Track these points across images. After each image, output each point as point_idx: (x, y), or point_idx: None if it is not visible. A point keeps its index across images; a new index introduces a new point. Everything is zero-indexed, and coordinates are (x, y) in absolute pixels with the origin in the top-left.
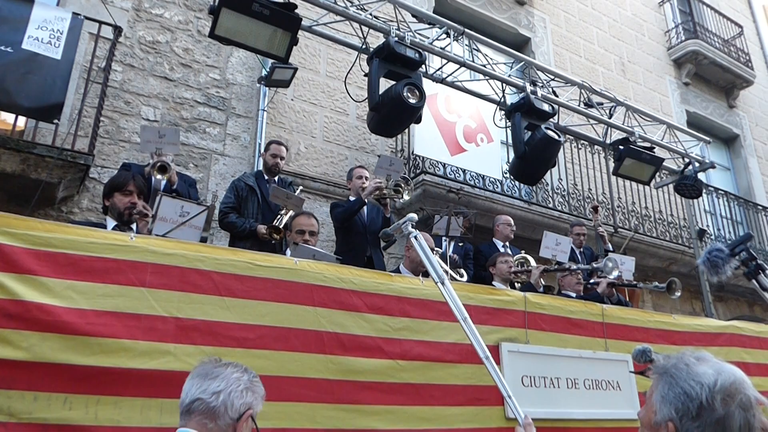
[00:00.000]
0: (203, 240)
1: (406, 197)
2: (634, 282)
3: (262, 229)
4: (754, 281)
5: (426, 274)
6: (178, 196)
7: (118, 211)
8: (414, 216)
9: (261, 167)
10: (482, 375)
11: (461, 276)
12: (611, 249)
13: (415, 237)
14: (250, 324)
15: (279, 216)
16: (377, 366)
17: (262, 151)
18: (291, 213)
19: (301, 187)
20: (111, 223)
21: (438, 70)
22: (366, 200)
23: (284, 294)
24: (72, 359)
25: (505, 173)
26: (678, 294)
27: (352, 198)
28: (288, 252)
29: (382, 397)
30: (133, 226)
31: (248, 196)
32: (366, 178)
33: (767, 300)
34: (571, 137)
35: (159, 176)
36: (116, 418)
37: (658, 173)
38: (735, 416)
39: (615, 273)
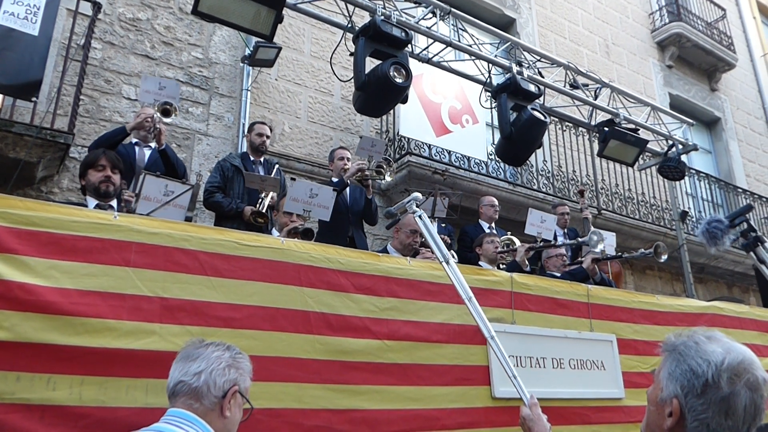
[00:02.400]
0: (188, 219)
1: (388, 178)
2: (620, 253)
3: (248, 211)
4: (751, 253)
5: (414, 255)
6: (162, 176)
7: (94, 186)
8: (418, 195)
9: (245, 148)
10: (469, 355)
11: (452, 257)
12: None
13: (420, 216)
14: (236, 304)
15: (260, 199)
16: (364, 346)
17: (246, 132)
18: (271, 194)
19: (277, 166)
20: (92, 202)
21: (424, 50)
22: (348, 182)
23: (271, 274)
24: (55, 339)
25: (491, 155)
26: (665, 257)
27: (334, 179)
28: (274, 232)
29: (370, 377)
30: (113, 203)
31: (234, 176)
32: (348, 159)
33: (764, 272)
34: (556, 119)
35: (164, 119)
36: (101, 398)
37: (641, 155)
38: (741, 395)
39: (600, 246)
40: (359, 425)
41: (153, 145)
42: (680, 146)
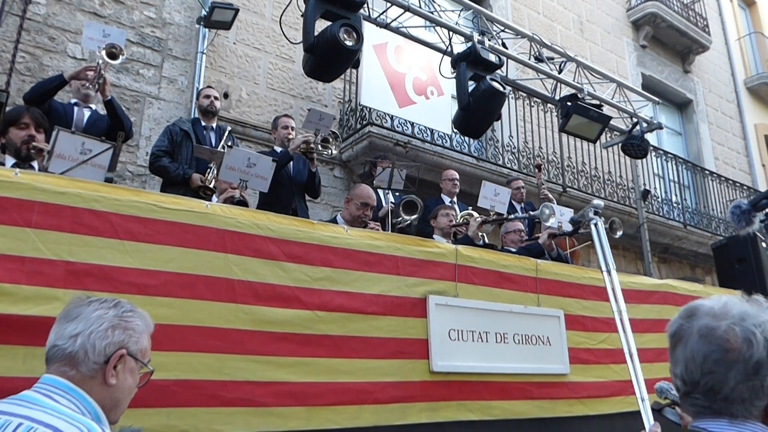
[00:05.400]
0: (109, 180)
1: (334, 151)
2: (576, 228)
3: (197, 180)
4: None
5: (364, 226)
6: (78, 132)
7: (15, 146)
8: (600, 203)
9: (197, 114)
10: (407, 328)
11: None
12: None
13: (596, 224)
14: (152, 270)
15: (209, 169)
16: (293, 317)
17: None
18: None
19: (229, 131)
20: (9, 161)
21: (382, 14)
22: (293, 154)
23: (192, 239)
24: None
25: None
26: (620, 233)
27: (277, 148)
28: (214, 199)
29: (298, 349)
30: (34, 163)
31: (182, 141)
32: (292, 129)
33: None
34: (524, 94)
35: (111, 61)
36: None
37: (604, 132)
38: (690, 340)
39: (552, 220)
40: (285, 398)
41: (93, 106)
42: (644, 124)
